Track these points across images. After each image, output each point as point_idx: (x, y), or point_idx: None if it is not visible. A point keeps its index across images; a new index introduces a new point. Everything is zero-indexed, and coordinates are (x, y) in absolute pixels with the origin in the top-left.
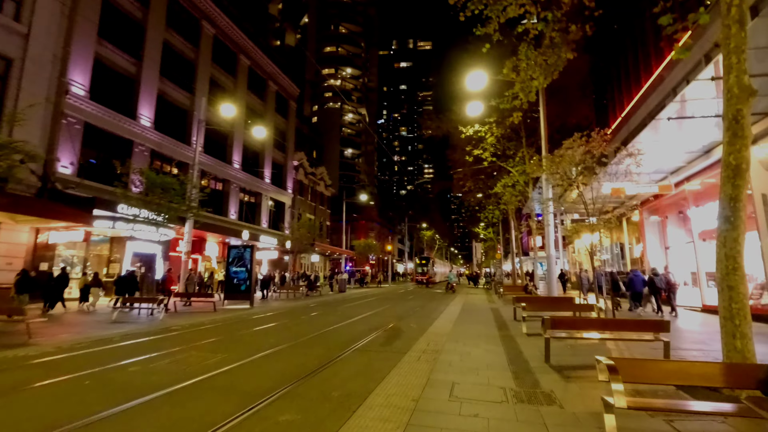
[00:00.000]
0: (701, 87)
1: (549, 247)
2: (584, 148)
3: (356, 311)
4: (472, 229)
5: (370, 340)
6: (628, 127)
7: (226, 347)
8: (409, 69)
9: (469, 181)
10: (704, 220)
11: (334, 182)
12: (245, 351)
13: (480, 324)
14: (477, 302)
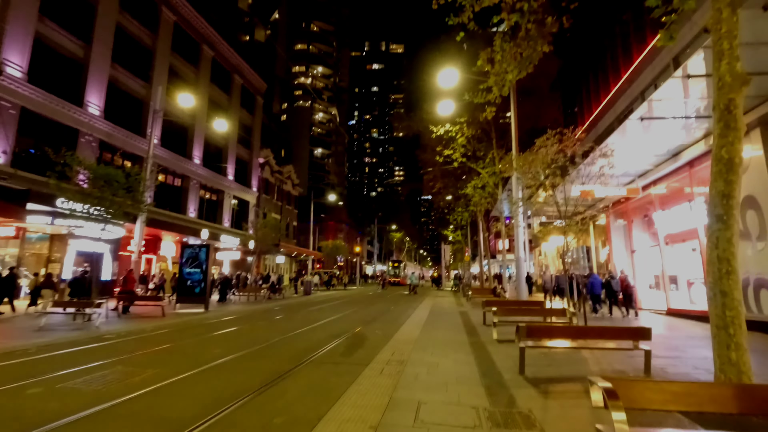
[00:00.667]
0: (670, 89)
1: (518, 249)
2: (557, 146)
3: (319, 315)
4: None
5: (330, 350)
6: (596, 130)
7: (162, 359)
8: (381, 71)
9: (439, 181)
10: (670, 223)
11: (303, 182)
12: (184, 364)
13: (448, 329)
14: (445, 305)
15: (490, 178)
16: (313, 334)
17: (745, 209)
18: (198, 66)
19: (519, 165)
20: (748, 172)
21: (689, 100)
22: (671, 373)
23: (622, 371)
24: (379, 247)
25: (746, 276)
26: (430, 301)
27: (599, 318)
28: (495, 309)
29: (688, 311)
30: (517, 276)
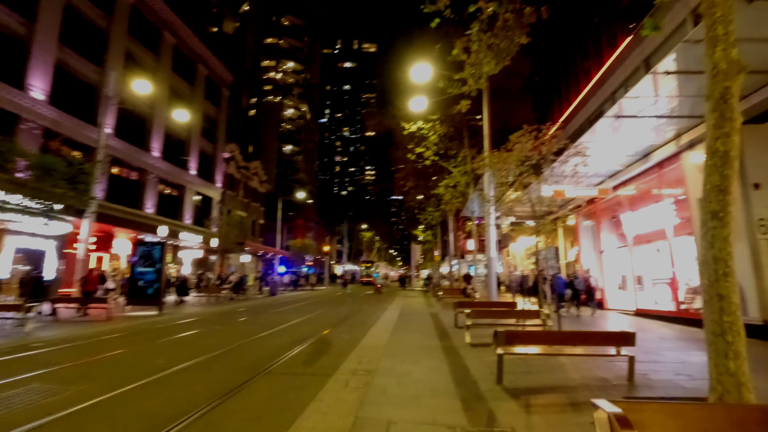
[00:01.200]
0: (641, 90)
1: (490, 249)
2: (532, 143)
3: (283, 318)
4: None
5: (291, 357)
6: (566, 132)
7: (92, 373)
8: (354, 70)
9: (411, 180)
10: (638, 224)
11: (271, 179)
12: (118, 378)
13: (419, 332)
14: (415, 306)
15: (461, 177)
16: (274, 339)
17: None
18: (158, 53)
19: (493, 162)
20: None
21: (660, 100)
22: (654, 380)
23: (604, 378)
24: (348, 246)
25: None
26: (400, 302)
27: (564, 316)
28: (468, 311)
29: (655, 311)
30: (488, 276)
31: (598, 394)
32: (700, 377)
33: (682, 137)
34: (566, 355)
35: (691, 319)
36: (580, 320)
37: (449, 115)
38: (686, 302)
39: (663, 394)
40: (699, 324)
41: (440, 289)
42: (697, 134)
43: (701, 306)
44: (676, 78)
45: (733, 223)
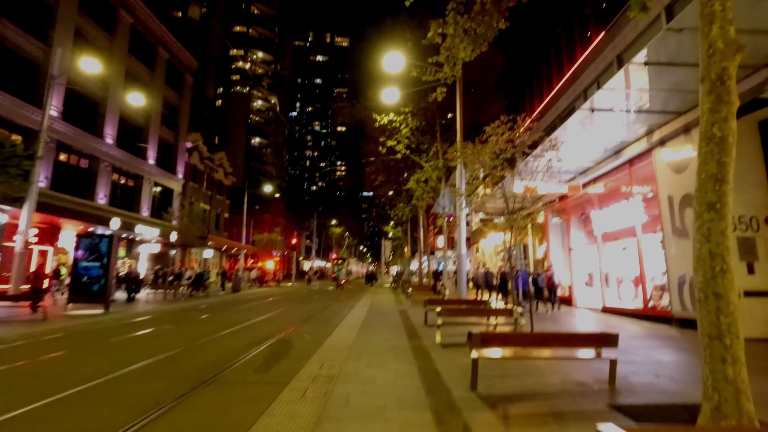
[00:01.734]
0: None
1: (461, 245)
2: (508, 134)
3: (244, 316)
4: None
5: (245, 362)
6: (538, 128)
7: (1, 385)
8: (326, 63)
9: (381, 174)
10: (608, 222)
11: (238, 171)
12: (32, 392)
13: (388, 331)
14: (384, 303)
15: (433, 172)
16: (229, 340)
17: (684, 207)
18: (113, 33)
19: (467, 154)
20: (688, 170)
21: (632, 94)
22: (636, 383)
23: (584, 383)
24: (318, 242)
25: (683, 274)
26: (368, 299)
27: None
28: (439, 310)
29: (622, 309)
30: (458, 273)
31: (580, 401)
32: (682, 379)
33: (654, 133)
34: (544, 358)
35: (658, 317)
36: (549, 318)
37: (421, 108)
38: (653, 299)
39: (648, 401)
40: (666, 321)
41: (410, 286)
42: (669, 131)
43: (668, 303)
44: (647, 74)
45: (731, 216)
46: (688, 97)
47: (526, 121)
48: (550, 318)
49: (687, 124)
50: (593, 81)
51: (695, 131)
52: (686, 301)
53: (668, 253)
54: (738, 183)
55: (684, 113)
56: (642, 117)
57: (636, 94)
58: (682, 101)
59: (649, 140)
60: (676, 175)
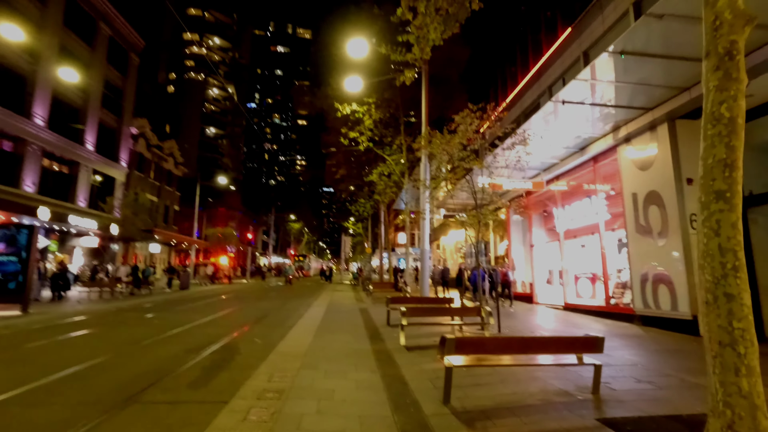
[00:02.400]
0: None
1: (424, 240)
2: (477, 124)
3: (187, 317)
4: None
5: (179, 374)
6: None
7: None
8: (287, 55)
9: (343, 168)
10: (570, 219)
11: (191, 162)
12: None
13: (347, 332)
14: (344, 301)
15: (396, 166)
16: (165, 346)
17: (648, 205)
18: (45, 2)
19: (436, 143)
20: (653, 168)
21: (599, 91)
22: (620, 390)
23: (565, 391)
24: (275, 237)
25: (645, 271)
26: (327, 297)
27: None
28: (404, 309)
29: (584, 306)
30: (421, 269)
31: (566, 416)
32: (664, 384)
33: (620, 130)
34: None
35: (620, 314)
36: (509, 315)
37: (385, 100)
38: (615, 297)
39: (639, 412)
40: (628, 319)
41: (370, 283)
42: (635, 127)
43: (630, 301)
44: (614, 70)
45: (741, 206)
46: (656, 94)
47: (495, 111)
48: (509, 315)
49: (653, 121)
50: (559, 77)
51: (661, 128)
52: (648, 298)
53: (631, 251)
54: None
55: (651, 109)
56: (608, 114)
57: (602, 91)
58: (649, 97)
59: (615, 137)
60: (640, 172)
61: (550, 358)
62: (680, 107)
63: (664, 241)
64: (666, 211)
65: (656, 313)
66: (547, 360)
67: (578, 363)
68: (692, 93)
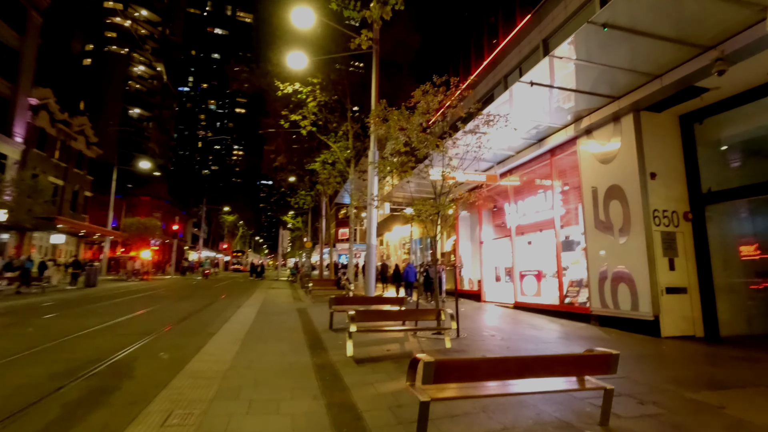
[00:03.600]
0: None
1: (371, 234)
2: (440, 99)
3: (78, 323)
4: (280, 217)
5: (28, 418)
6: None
7: None
8: (225, 38)
9: (282, 155)
10: (523, 214)
11: (109, 144)
12: None
13: (283, 341)
14: (280, 300)
15: (341, 154)
16: (24, 367)
17: (609, 200)
18: None
19: (393, 120)
20: (615, 161)
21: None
22: (628, 417)
23: (565, 422)
24: (207, 230)
25: (604, 269)
26: (261, 295)
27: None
28: (353, 314)
29: (537, 305)
30: (367, 266)
31: None
32: (673, 407)
33: (583, 121)
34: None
35: (575, 314)
36: (462, 315)
37: (332, 81)
38: (570, 296)
39: None
40: (584, 318)
41: (310, 280)
42: (597, 118)
43: (586, 300)
44: (575, 58)
45: None
46: (620, 82)
47: (462, 86)
48: (465, 315)
49: (617, 112)
50: (515, 67)
51: (626, 120)
52: (607, 297)
53: (589, 247)
54: (662, 176)
55: (618, 98)
56: (570, 103)
57: (561, 81)
58: (615, 85)
59: (577, 128)
60: (602, 165)
61: (554, 383)
62: (648, 96)
63: (625, 237)
64: (628, 207)
65: (615, 313)
66: (551, 385)
67: (588, 388)
68: (664, 81)
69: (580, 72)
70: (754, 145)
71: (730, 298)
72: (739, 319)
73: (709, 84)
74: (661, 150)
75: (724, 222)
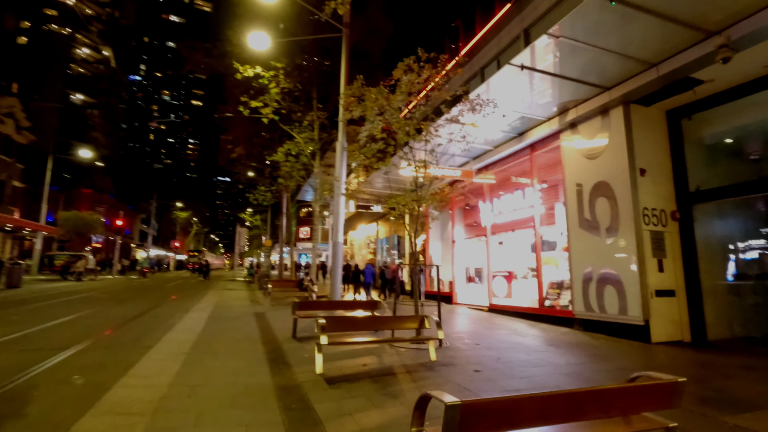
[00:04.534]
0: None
1: (337, 231)
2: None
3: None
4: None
5: None
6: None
7: None
8: (182, 26)
9: (241, 146)
10: (499, 212)
11: (46, 130)
12: None
13: (237, 355)
14: (235, 303)
15: (306, 145)
16: None
17: (596, 197)
18: None
19: (370, 99)
20: (603, 156)
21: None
22: None
23: None
24: (157, 227)
25: (589, 270)
26: (214, 297)
27: None
28: (323, 322)
29: (513, 308)
30: (333, 266)
31: None
32: None
33: (569, 113)
34: None
35: (556, 317)
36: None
37: (297, 66)
38: (550, 298)
39: None
40: (566, 323)
41: (269, 281)
42: (584, 111)
43: (568, 303)
44: (559, 48)
45: None
46: (612, 71)
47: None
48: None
49: (606, 104)
50: (493, 58)
51: (614, 113)
52: (592, 301)
53: (573, 247)
54: (650, 174)
55: (608, 89)
56: (553, 95)
57: (551, 67)
58: (604, 75)
59: (561, 121)
60: (587, 161)
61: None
62: (641, 88)
63: (613, 237)
64: (617, 205)
65: (601, 317)
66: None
67: (650, 428)
68: (660, 70)
69: (570, 57)
70: (745, 142)
71: (716, 301)
72: (723, 323)
73: (705, 76)
74: (649, 146)
75: (711, 222)
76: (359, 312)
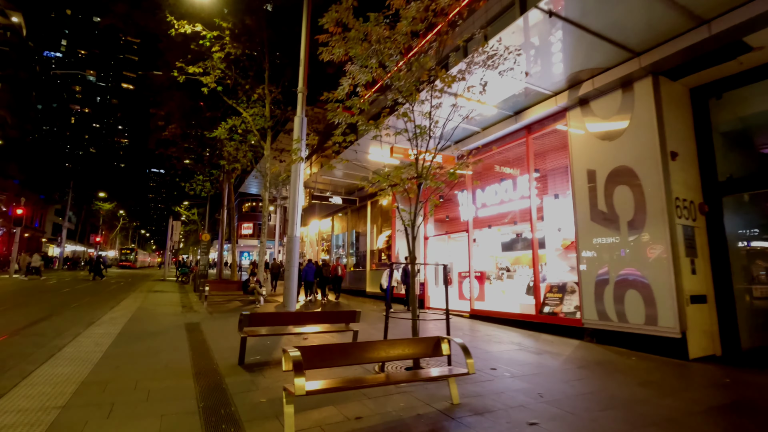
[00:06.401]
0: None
1: (294, 224)
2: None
3: None
4: (172, 207)
5: None
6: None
7: None
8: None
9: (176, 124)
10: (485, 204)
11: None
12: None
13: (151, 405)
14: (161, 310)
15: (255, 123)
16: None
17: (614, 185)
18: None
19: (358, 37)
20: (624, 137)
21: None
22: None
23: None
24: (76, 221)
25: (604, 271)
26: (134, 302)
27: None
28: (296, 354)
29: (502, 314)
30: (287, 265)
31: None
32: None
33: (582, 86)
34: None
35: (559, 327)
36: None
37: (246, 28)
38: (550, 303)
39: None
40: (573, 334)
41: (206, 282)
42: (601, 83)
43: (574, 309)
44: None
45: None
46: (646, 32)
47: None
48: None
49: (630, 75)
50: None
51: (640, 85)
52: (608, 308)
53: (582, 244)
54: (679, 159)
55: (638, 54)
56: (564, 64)
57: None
58: (637, 36)
59: (571, 96)
60: (603, 143)
61: None
62: (680, 53)
63: (637, 232)
64: (643, 194)
65: (620, 327)
66: None
67: None
68: (713, 28)
69: (605, 8)
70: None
71: (749, 308)
72: (753, 332)
73: (757, 41)
74: (678, 127)
75: (741, 216)
76: (328, 326)
